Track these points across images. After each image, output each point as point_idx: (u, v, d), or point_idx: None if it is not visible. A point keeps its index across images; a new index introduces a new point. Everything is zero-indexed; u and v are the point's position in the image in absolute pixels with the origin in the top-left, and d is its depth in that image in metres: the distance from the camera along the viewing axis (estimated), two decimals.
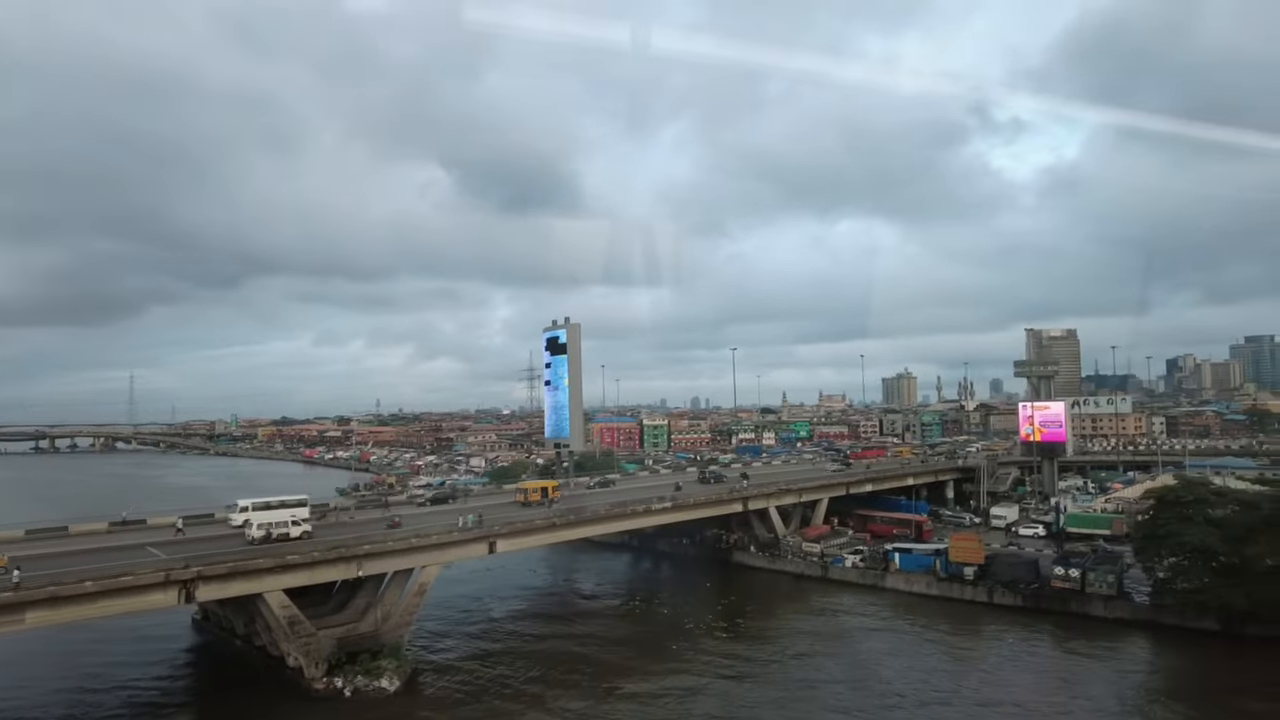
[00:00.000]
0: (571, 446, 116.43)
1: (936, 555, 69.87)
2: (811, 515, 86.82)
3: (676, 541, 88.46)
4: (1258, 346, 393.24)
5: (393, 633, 53.12)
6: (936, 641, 57.58)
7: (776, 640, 57.55)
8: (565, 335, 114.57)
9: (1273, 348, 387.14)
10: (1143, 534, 59.41)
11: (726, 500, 76.91)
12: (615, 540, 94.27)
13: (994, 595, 65.12)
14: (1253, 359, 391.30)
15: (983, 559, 67.59)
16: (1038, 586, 63.52)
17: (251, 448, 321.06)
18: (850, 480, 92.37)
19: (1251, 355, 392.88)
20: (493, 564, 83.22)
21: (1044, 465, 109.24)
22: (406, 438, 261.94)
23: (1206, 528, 54.43)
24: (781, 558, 79.06)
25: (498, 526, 58.76)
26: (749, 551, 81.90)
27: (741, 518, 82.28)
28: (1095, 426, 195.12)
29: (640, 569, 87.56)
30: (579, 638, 59.27)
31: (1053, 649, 56.07)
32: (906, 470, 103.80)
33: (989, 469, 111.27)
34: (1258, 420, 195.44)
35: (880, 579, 71.64)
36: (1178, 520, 55.99)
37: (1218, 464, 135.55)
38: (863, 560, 74.33)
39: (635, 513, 68.02)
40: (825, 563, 75.81)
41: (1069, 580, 62.00)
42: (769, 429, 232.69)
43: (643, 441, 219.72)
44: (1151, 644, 56.93)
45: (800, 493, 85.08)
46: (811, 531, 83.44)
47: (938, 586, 68.28)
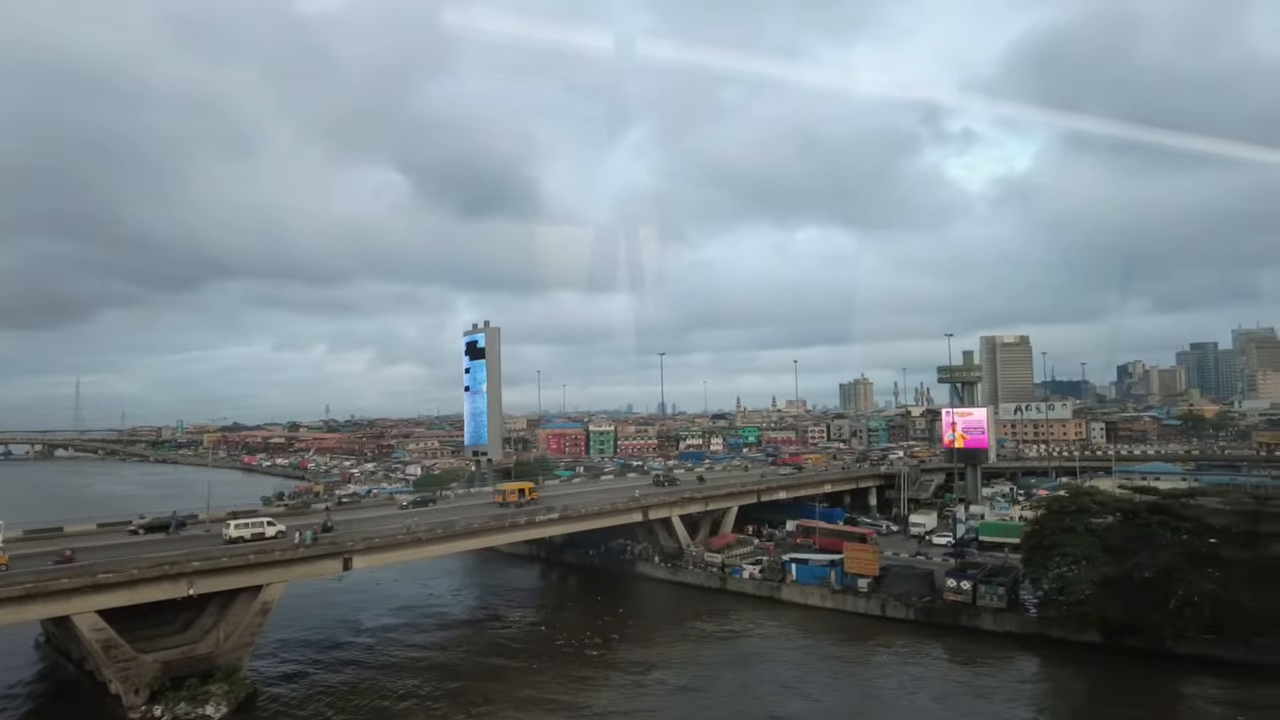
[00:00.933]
0: (490, 454, 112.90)
1: (832, 566, 67.57)
2: (720, 524, 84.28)
3: (583, 553, 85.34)
4: (1202, 353, 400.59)
5: (231, 655, 49.35)
6: (817, 660, 55.21)
7: (645, 660, 54.62)
8: (484, 340, 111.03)
9: (1216, 354, 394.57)
10: (1029, 545, 57.59)
11: (623, 510, 73.90)
12: (525, 552, 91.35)
13: (887, 608, 62.93)
14: (1197, 365, 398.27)
15: (877, 570, 65.48)
16: (929, 600, 61.49)
17: (194, 455, 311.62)
18: (761, 488, 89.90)
19: (1196, 362, 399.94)
20: (384, 578, 79.79)
21: (967, 472, 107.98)
22: (349, 444, 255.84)
23: (1088, 538, 52.68)
24: (683, 569, 76.30)
25: (352, 541, 55.12)
26: (653, 563, 79.02)
27: (646, 527, 79.46)
28: (1037, 432, 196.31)
29: (541, 582, 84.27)
30: (440, 658, 55.88)
31: (937, 666, 53.79)
32: (824, 477, 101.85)
33: (912, 476, 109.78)
34: (1193, 425, 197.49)
35: (776, 591, 69.17)
36: (1061, 531, 54.22)
37: (1145, 469, 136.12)
38: (761, 571, 71.80)
39: (516, 525, 64.74)
40: (724, 574, 73.17)
41: (961, 593, 60.05)
42: (717, 435, 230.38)
43: (589, 448, 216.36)
44: (1038, 659, 55.01)
45: (706, 500, 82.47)
46: (717, 541, 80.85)
47: (832, 599, 65.97)
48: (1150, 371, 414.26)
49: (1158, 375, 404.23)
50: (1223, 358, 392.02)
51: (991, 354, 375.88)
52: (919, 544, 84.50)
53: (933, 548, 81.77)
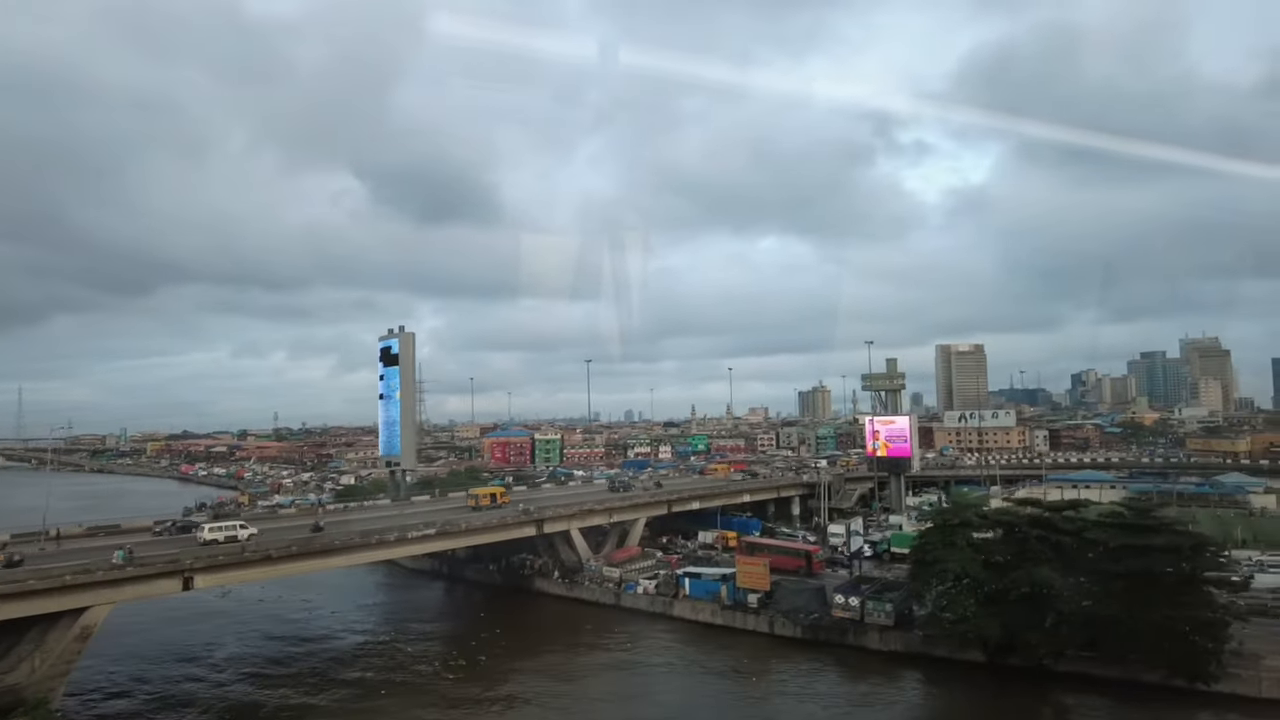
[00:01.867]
0: (403, 465, 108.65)
1: (723, 581, 64.83)
2: (627, 537, 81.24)
3: (484, 568, 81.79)
4: (1151, 362, 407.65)
5: (42, 686, 45.13)
6: (688, 682, 52.23)
7: (504, 681, 51.33)
8: (398, 345, 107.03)
9: (1164, 363, 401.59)
10: (913, 559, 55.30)
11: (513, 524, 70.38)
12: (428, 568, 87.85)
13: (775, 625, 60.28)
14: (1146, 374, 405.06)
15: (768, 585, 62.79)
16: (817, 616, 58.91)
17: (134, 464, 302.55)
18: (672, 498, 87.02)
19: (1145, 370, 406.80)
20: (268, 595, 75.68)
21: (891, 480, 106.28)
22: (290, 453, 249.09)
23: (969, 553, 50.44)
24: (579, 585, 73.08)
25: (190, 560, 51.10)
26: (551, 578, 75.66)
27: (546, 541, 76.16)
28: (981, 440, 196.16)
29: (434, 599, 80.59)
30: (289, 684, 51.96)
31: (816, 687, 51.11)
32: (742, 487, 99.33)
33: (836, 485, 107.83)
34: (1132, 433, 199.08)
35: (669, 607, 66.26)
36: (943, 545, 51.97)
37: (1078, 477, 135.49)
38: (656, 586, 68.82)
39: (385, 542, 60.86)
40: (619, 590, 70.09)
41: (849, 609, 57.52)
42: (666, 443, 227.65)
43: (534, 457, 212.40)
44: (921, 679, 52.72)
45: (610, 512, 79.32)
46: (620, 555, 77.82)
47: (722, 615, 63.18)
48: (1102, 380, 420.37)
49: (1109, 384, 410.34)
50: (1170, 366, 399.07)
51: (947, 362, 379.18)
52: (834, 555, 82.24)
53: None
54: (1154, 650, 44.61)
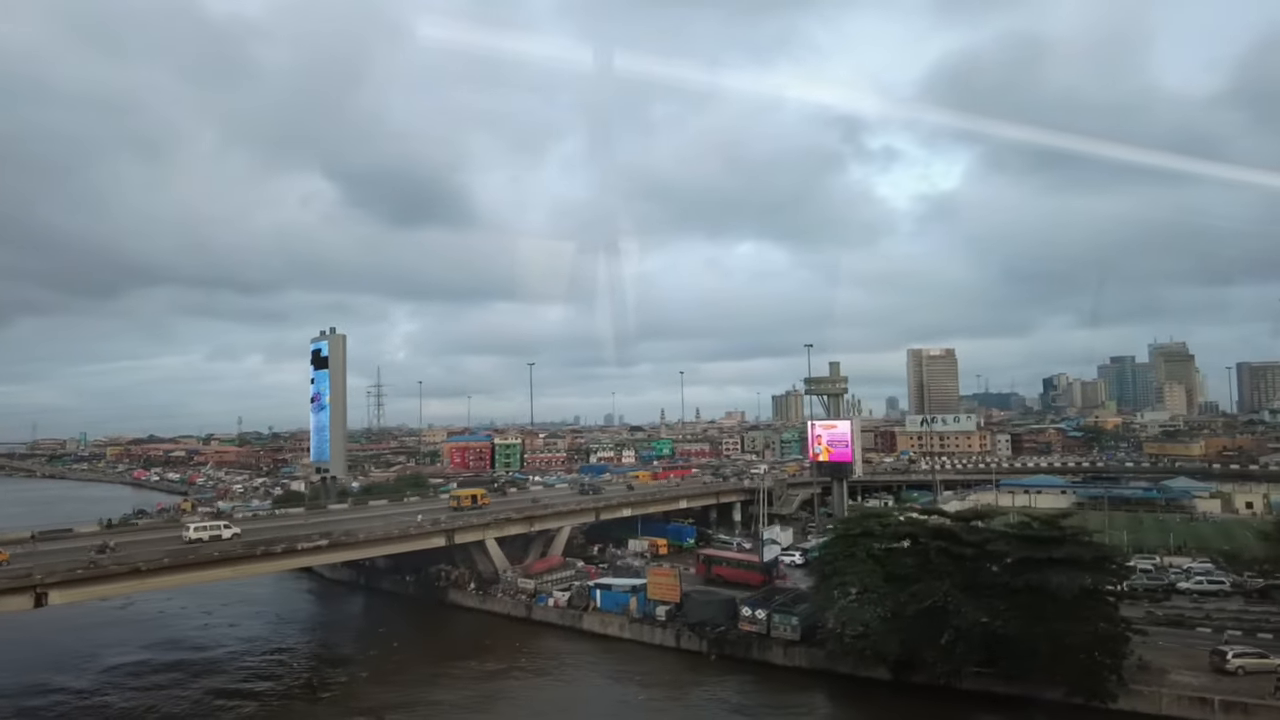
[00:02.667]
0: (333, 471, 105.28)
1: (634, 593, 62.23)
2: (550, 546, 78.47)
3: (400, 579, 78.74)
4: (1121, 366, 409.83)
5: None
6: (571, 698, 49.59)
7: (365, 701, 48.38)
8: (328, 348, 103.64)
9: (1133, 368, 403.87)
10: (818, 571, 52.96)
11: (418, 535, 67.32)
12: (346, 578, 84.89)
13: (681, 639, 57.73)
14: (1116, 378, 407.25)
15: (678, 597, 60.24)
16: (724, 630, 56.41)
17: (89, 469, 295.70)
18: (600, 505, 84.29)
19: (1115, 375, 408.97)
20: (169, 606, 72.40)
21: (833, 486, 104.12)
22: (247, 458, 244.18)
23: (870, 565, 48.13)
24: (492, 597, 70.23)
25: (42, 575, 47.75)
26: (465, 590, 72.71)
27: (463, 552, 73.25)
28: (943, 444, 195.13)
29: (342, 611, 77.66)
30: (148, 695, 48.68)
31: (712, 708, 48.59)
32: (678, 492, 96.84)
33: (777, 490, 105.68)
34: (1094, 437, 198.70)
35: (578, 620, 63.54)
36: (844, 557, 49.69)
37: (1031, 482, 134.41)
38: (568, 599, 66.06)
39: (270, 554, 57.62)
40: (530, 602, 67.29)
41: (756, 623, 55.11)
42: (630, 447, 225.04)
43: (494, 462, 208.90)
44: (824, 697, 50.50)
45: (531, 521, 76.45)
46: (539, 565, 75.01)
47: (630, 628, 60.57)
48: (1073, 384, 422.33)
49: (1080, 387, 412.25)
50: (1139, 371, 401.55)
51: (918, 366, 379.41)
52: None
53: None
54: (1051, 667, 42.49)
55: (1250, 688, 42.81)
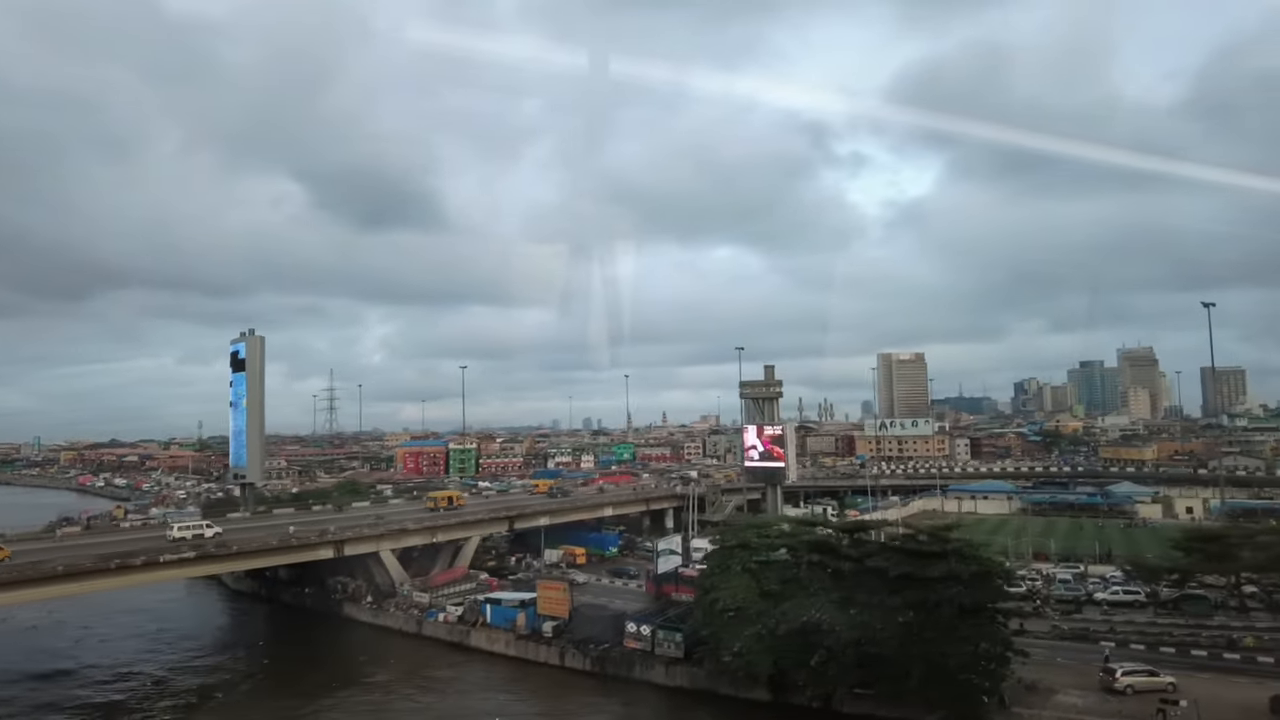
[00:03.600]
0: (249, 477, 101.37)
1: (522, 607, 58.98)
2: (458, 556, 75.05)
3: (300, 591, 75.04)
4: (1090, 371, 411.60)
5: None
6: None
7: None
8: (245, 350, 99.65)
9: (1102, 372, 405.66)
10: (698, 586, 49.98)
11: (299, 547, 63.67)
12: (249, 589, 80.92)
13: (566, 657, 54.52)
14: (1085, 382, 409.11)
15: (567, 612, 57.09)
16: (608, 646, 53.33)
17: (40, 475, 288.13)
18: (514, 514, 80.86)
19: (1084, 379, 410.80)
20: (47, 617, 68.22)
21: (767, 492, 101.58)
22: (200, 464, 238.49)
23: (745, 580, 45.19)
24: (384, 610, 66.73)
25: None
26: (361, 603, 69.16)
27: (361, 563, 69.70)
28: (900, 448, 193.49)
29: (231, 624, 73.71)
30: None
31: None
32: (604, 500, 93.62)
33: (710, 496, 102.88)
34: (1053, 441, 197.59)
35: (465, 636, 60.19)
36: (720, 571, 46.78)
37: (978, 487, 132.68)
38: (460, 613, 62.67)
39: (127, 568, 53.71)
40: (420, 617, 63.86)
41: (641, 639, 52.07)
42: (589, 452, 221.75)
43: (448, 467, 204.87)
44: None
45: (433, 531, 72.98)
46: (441, 577, 71.60)
47: (515, 645, 57.27)
48: (1043, 388, 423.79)
49: (1050, 392, 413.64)
50: (1107, 375, 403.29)
51: (888, 370, 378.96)
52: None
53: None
54: (925, 690, 39.72)
55: (1136, 709, 40.18)
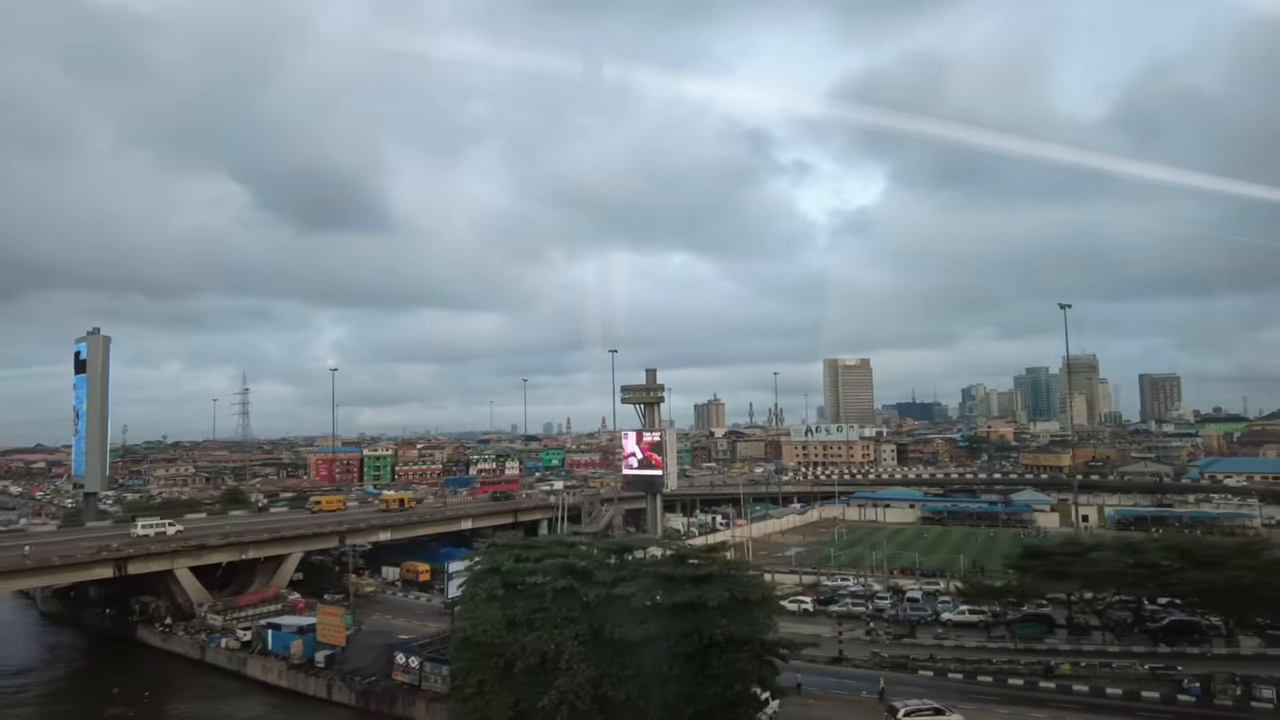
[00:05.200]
0: (89, 486, 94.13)
1: (300, 634, 53.15)
2: (276, 574, 68.85)
3: (100, 612, 68.42)
4: (1035, 377, 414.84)
5: None
6: None
7: None
8: (87, 350, 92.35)
9: (1047, 378, 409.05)
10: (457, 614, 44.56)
11: (61, 567, 56.99)
12: (55, 610, 74.17)
13: (333, 690, 48.85)
14: (1030, 388, 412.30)
15: (344, 639, 51.39)
16: (374, 679, 47.79)
17: None
18: (344, 528, 74.75)
19: (1030, 385, 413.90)
20: None
21: (647, 500, 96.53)
22: (110, 470, 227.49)
23: (490, 608, 39.77)
24: (173, 635, 60.46)
25: None
26: (155, 626, 62.77)
27: (160, 581, 63.33)
28: (827, 454, 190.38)
29: (18, 649, 66.73)
30: None
31: None
32: (459, 512, 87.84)
33: (587, 506, 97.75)
34: (978, 447, 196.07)
35: (243, 664, 54.22)
36: (469, 598, 41.46)
37: (885, 495, 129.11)
38: (247, 638, 56.64)
39: None
40: (205, 643, 57.72)
41: (410, 672, 46.62)
42: (514, 458, 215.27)
43: (363, 475, 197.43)
44: None
45: (243, 548, 66.70)
46: (248, 598, 65.24)
47: (288, 675, 51.45)
48: (990, 394, 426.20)
49: (995, 397, 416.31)
50: (1052, 381, 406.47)
51: (834, 376, 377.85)
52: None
53: None
54: None
55: None
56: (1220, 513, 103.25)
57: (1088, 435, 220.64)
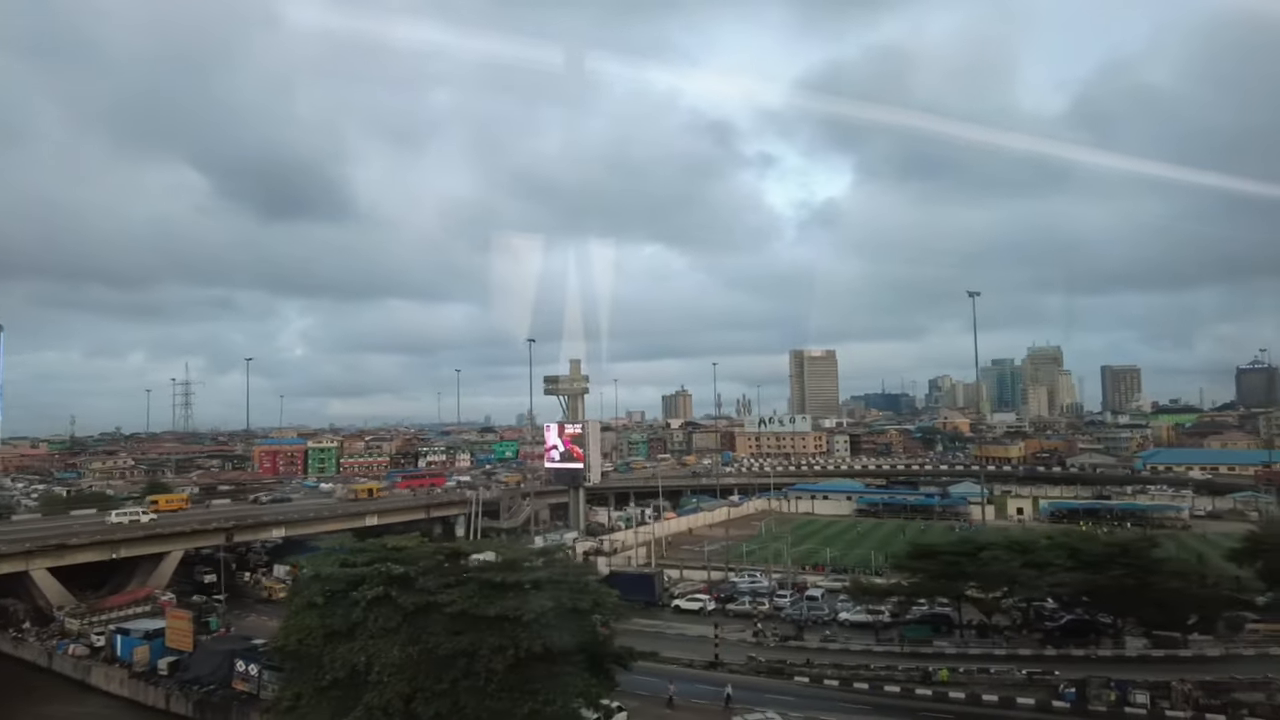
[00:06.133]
0: None
1: (148, 639, 49.74)
2: (153, 575, 65.21)
3: None
4: (1001, 369, 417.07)
5: None
6: None
7: None
8: None
9: (1012, 370, 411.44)
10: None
11: None
12: None
13: (171, 700, 45.58)
14: (996, 380, 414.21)
15: (190, 645, 48.07)
16: (213, 688, 44.56)
17: None
18: (230, 525, 71.08)
19: (995, 377, 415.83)
20: None
21: (570, 494, 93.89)
22: (43, 462, 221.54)
23: (309, 616, 36.57)
24: (23, 641, 56.74)
25: None
26: (10, 631, 58.91)
27: (20, 582, 59.50)
28: (779, 445, 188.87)
29: None
30: None
31: None
32: (366, 508, 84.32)
33: (507, 500, 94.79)
34: (934, 438, 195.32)
35: (88, 672, 50.76)
36: (290, 607, 38.34)
37: (825, 487, 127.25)
38: (99, 643, 53.11)
39: None
40: (52, 649, 54.11)
41: (249, 680, 43.42)
42: (465, 450, 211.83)
43: (307, 467, 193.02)
44: None
45: (115, 546, 62.97)
46: (118, 599, 61.68)
47: (130, 684, 48.10)
48: (956, 385, 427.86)
49: (961, 389, 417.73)
50: (1017, 373, 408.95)
51: (800, 368, 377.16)
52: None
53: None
54: None
55: None
56: (1152, 505, 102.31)
57: (1044, 426, 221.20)
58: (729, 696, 39.16)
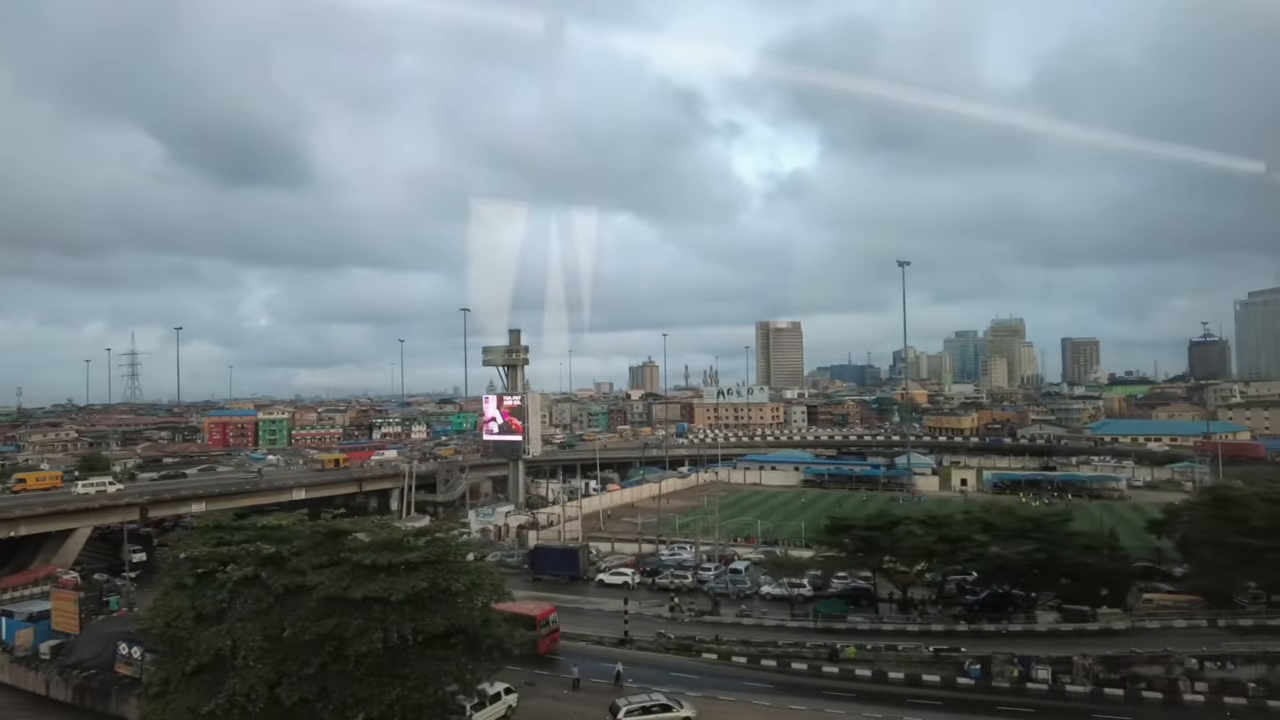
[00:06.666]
0: None
1: (32, 622, 47.43)
2: (60, 552, 62.52)
3: None
4: (964, 341, 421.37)
5: None
6: None
7: None
8: None
9: (975, 342, 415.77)
10: None
11: None
12: None
13: (51, 685, 43.47)
14: (959, 351, 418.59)
15: (77, 628, 45.87)
16: (94, 672, 42.53)
17: None
18: (145, 500, 68.33)
19: (959, 348, 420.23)
20: None
21: (510, 467, 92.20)
22: None
23: (181, 598, 34.52)
24: None
25: None
26: None
27: None
28: (737, 416, 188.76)
29: None
30: None
31: None
32: (291, 481, 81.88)
33: (444, 473, 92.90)
34: (890, 409, 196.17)
35: None
36: (160, 588, 36.30)
37: (775, 458, 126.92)
38: None
39: None
40: None
41: (133, 664, 41.41)
42: (421, 421, 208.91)
43: (258, 439, 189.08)
44: None
45: (14, 524, 60.06)
46: (14, 579, 58.98)
47: (9, 669, 45.85)
48: (920, 357, 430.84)
49: (925, 360, 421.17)
50: (980, 344, 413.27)
51: (766, 339, 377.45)
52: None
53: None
54: None
55: None
56: (1092, 475, 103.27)
57: (1002, 398, 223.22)
58: (619, 674, 38.03)
